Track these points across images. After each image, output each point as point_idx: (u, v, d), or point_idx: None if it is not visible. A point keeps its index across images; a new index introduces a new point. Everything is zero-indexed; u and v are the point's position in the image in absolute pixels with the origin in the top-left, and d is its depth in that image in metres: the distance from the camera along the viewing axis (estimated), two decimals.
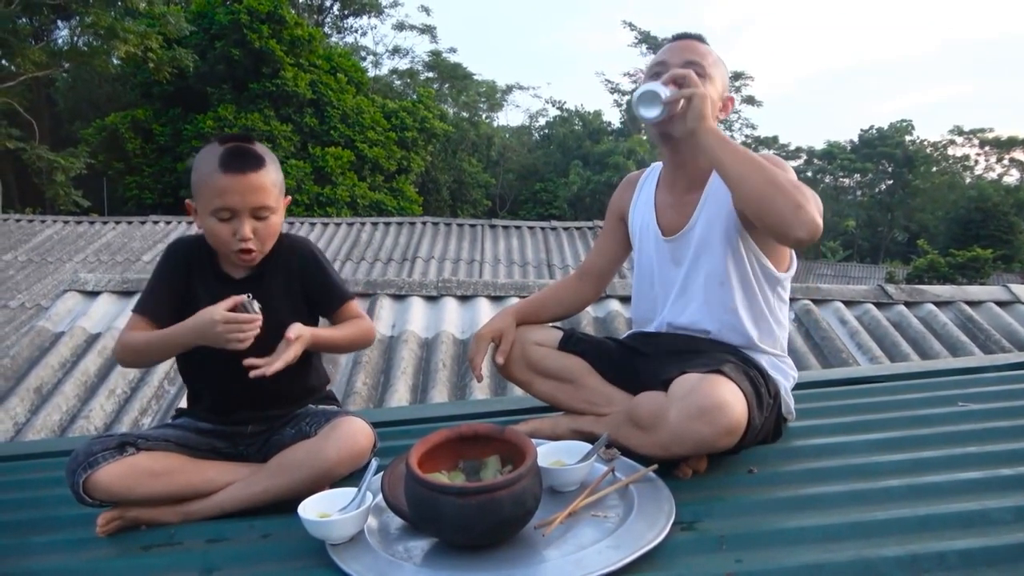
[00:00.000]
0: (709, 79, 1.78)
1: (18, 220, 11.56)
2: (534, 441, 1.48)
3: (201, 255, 1.78)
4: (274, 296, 1.74)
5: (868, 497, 1.49)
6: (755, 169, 1.59)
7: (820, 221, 1.56)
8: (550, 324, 2.12)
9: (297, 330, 1.65)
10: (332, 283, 1.84)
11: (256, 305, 1.62)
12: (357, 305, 1.88)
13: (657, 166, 2.04)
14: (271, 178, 1.68)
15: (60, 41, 24.39)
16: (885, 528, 1.35)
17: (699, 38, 1.88)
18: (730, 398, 1.51)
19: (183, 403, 1.96)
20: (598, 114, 38.57)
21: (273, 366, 1.59)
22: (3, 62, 20.45)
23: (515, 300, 4.41)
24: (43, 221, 11.52)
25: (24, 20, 21.02)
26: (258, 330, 1.60)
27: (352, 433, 1.64)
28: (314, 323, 1.82)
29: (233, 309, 1.58)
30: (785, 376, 1.87)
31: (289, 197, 1.81)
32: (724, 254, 1.80)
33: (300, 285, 1.80)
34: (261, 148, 1.70)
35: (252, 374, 1.58)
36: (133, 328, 1.73)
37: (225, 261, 1.78)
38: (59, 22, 23.48)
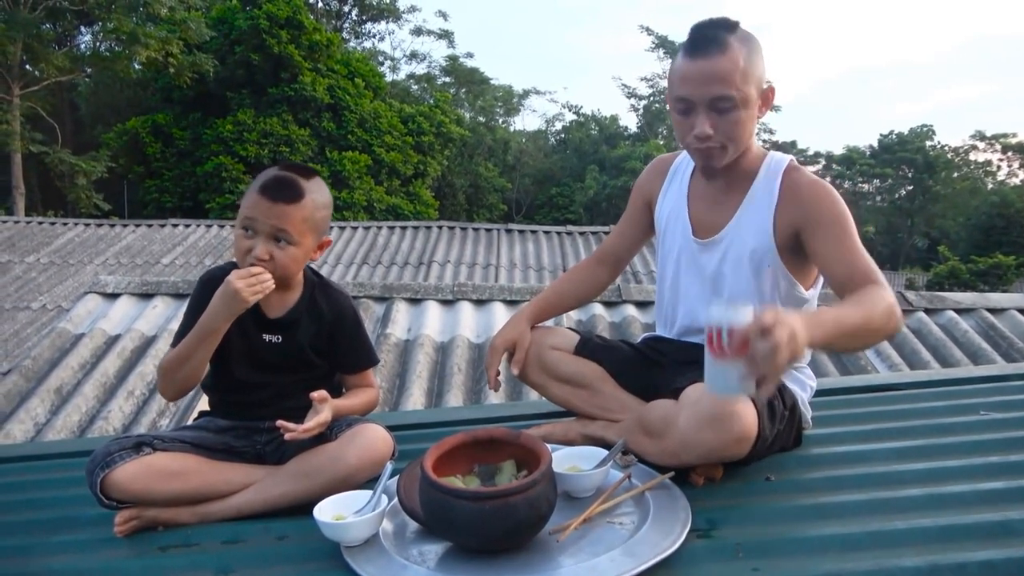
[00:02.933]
0: (742, 104, 1.61)
1: (40, 223, 11.71)
2: (550, 446, 1.47)
3: None
4: (304, 338, 1.79)
5: (888, 506, 1.47)
6: (862, 336, 1.51)
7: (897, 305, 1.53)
8: (567, 326, 2.10)
9: (322, 394, 1.68)
10: (360, 344, 1.89)
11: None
12: (372, 373, 1.94)
13: None
14: (302, 213, 1.67)
15: (83, 47, 24.85)
16: (905, 538, 1.33)
17: (720, 44, 1.59)
18: (739, 407, 1.49)
19: (201, 405, 1.98)
20: (615, 118, 38.59)
21: (306, 426, 1.61)
22: (27, 67, 20.78)
23: None
24: (65, 224, 11.66)
25: (48, 26, 21.39)
26: (272, 283, 1.63)
27: (372, 440, 1.65)
28: (332, 374, 1.89)
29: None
30: (802, 386, 1.83)
31: (329, 238, 1.84)
32: (752, 277, 1.74)
33: (329, 336, 1.83)
34: (312, 184, 1.71)
35: (287, 436, 1.60)
36: None
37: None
38: (82, 28, 23.89)
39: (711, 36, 1.60)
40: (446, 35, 36.46)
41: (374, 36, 34.88)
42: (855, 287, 1.58)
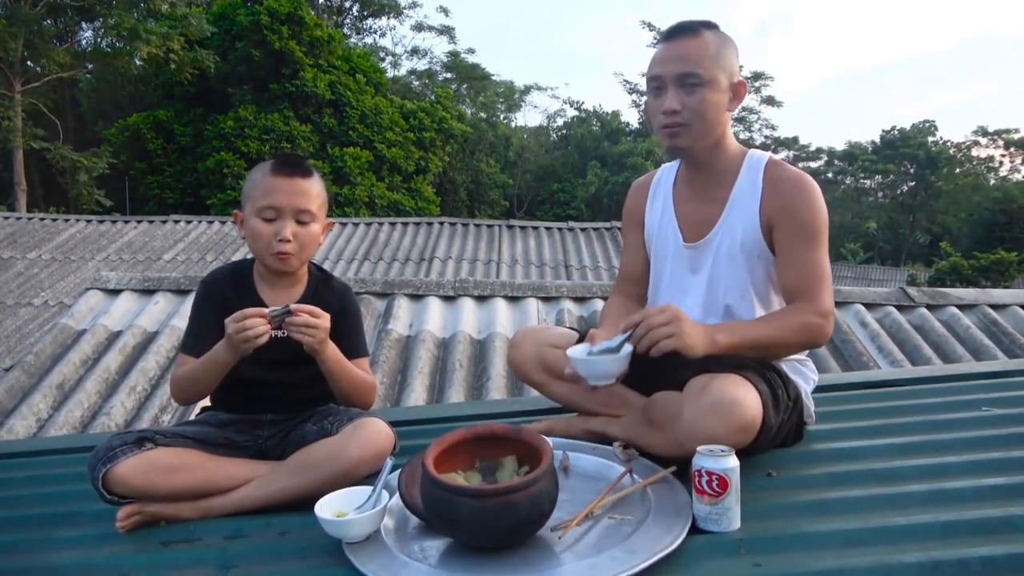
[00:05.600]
0: (709, 85, 1.70)
1: (42, 219, 11.72)
2: (551, 441, 1.47)
3: (239, 286, 1.83)
4: None
5: (889, 502, 1.47)
6: (771, 349, 1.66)
7: (828, 316, 1.67)
8: (567, 324, 2.09)
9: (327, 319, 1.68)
10: (357, 335, 1.92)
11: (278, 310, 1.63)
12: (368, 363, 1.96)
13: (670, 166, 1.99)
14: (316, 188, 1.80)
15: (84, 43, 24.83)
16: (907, 534, 1.33)
17: (692, 30, 1.73)
18: (744, 395, 1.51)
19: (204, 400, 1.98)
20: (616, 114, 38.53)
21: (301, 306, 1.64)
22: (29, 63, 20.77)
23: (532, 300, 4.40)
24: (67, 220, 11.67)
25: (49, 22, 21.37)
26: (265, 326, 1.61)
27: (374, 434, 1.65)
28: None
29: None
30: (805, 379, 1.84)
31: (331, 221, 1.91)
32: (745, 268, 1.77)
33: (333, 328, 1.82)
34: (311, 166, 1.85)
35: (292, 306, 1.62)
36: (181, 366, 1.79)
37: (263, 284, 1.83)
38: (83, 24, 23.87)
39: (685, 25, 1.74)
40: (447, 31, 36.42)
41: (375, 32, 35.00)
42: (791, 300, 1.71)
